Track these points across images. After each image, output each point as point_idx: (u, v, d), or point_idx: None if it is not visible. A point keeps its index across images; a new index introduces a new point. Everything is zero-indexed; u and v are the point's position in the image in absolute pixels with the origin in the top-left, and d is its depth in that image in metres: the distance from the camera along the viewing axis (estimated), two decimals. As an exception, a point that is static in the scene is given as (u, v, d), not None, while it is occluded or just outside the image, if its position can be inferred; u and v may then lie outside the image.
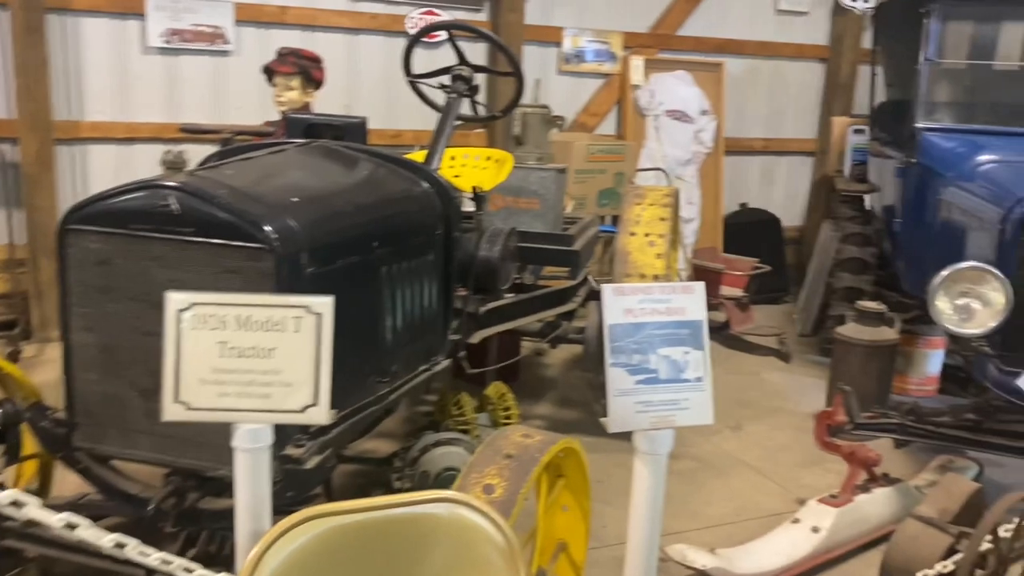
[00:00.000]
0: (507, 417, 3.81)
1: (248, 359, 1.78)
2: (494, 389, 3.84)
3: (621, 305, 1.87)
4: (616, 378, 1.84)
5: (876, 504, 3.41)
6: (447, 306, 2.95)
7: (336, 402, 2.26)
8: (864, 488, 3.45)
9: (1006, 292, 3.21)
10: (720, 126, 6.77)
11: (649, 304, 1.88)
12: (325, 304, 1.75)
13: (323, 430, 2.19)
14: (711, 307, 5.96)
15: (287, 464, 2.14)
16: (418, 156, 3.26)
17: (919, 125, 4.36)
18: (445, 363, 2.95)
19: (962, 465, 3.92)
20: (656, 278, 4.03)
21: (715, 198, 6.92)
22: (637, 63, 6.49)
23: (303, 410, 1.78)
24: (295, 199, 2.23)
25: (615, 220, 5.01)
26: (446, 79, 3.48)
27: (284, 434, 2.13)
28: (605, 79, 6.53)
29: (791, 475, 3.98)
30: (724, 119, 6.83)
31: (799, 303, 6.52)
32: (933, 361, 5.07)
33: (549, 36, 6.28)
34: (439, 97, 3.66)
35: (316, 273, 2.14)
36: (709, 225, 6.89)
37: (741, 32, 6.86)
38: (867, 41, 6.38)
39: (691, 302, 1.91)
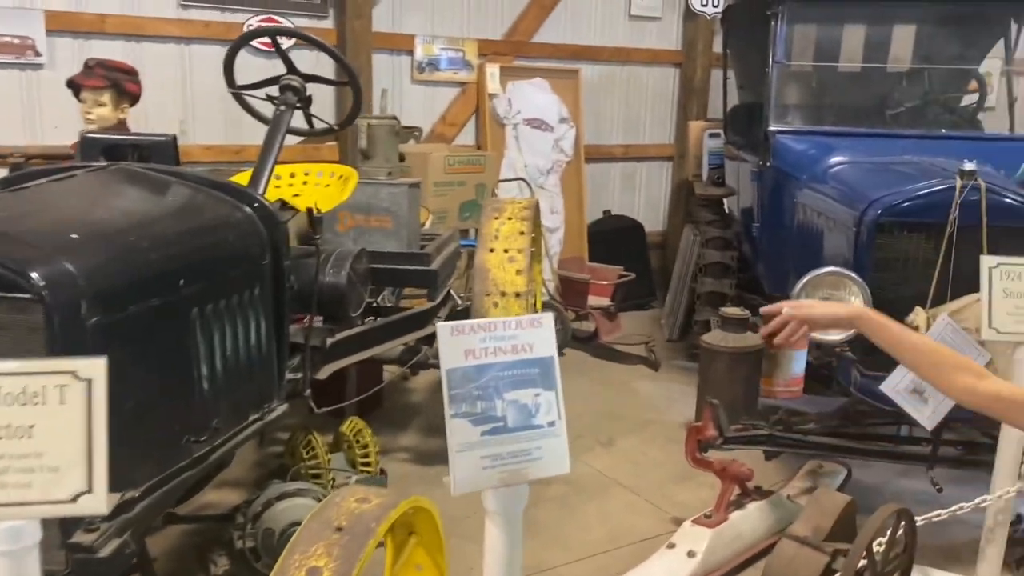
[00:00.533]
0: (365, 456, 3.52)
1: (1, 441, 1.43)
2: (349, 425, 3.54)
3: (460, 346, 1.62)
4: (458, 431, 1.59)
5: (751, 520, 3.32)
6: (280, 344, 2.63)
7: (140, 472, 1.95)
8: (738, 504, 3.36)
9: (865, 296, 3.17)
10: (579, 133, 6.68)
11: (492, 343, 1.65)
12: (95, 367, 1.43)
13: (122, 507, 1.84)
14: (579, 317, 5.85)
15: (77, 553, 1.79)
16: (244, 176, 2.93)
17: (771, 128, 4.34)
18: (282, 408, 2.63)
19: (831, 469, 3.90)
20: (518, 295, 3.82)
21: (578, 206, 6.81)
22: (493, 71, 6.30)
23: (74, 499, 1.44)
24: (75, 236, 1.88)
25: (479, 233, 4.80)
26: (274, 90, 3.15)
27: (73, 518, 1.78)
28: (461, 88, 6.31)
29: (665, 493, 3.85)
30: (583, 126, 6.74)
31: (665, 309, 6.49)
32: (798, 362, 5.03)
33: (400, 44, 6.01)
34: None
35: (102, 324, 1.79)
36: (574, 234, 6.78)
37: (595, 38, 6.79)
38: (719, 45, 6.43)
39: (539, 337, 1.69)
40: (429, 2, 6.07)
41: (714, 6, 6.81)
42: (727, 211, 5.81)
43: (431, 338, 3.98)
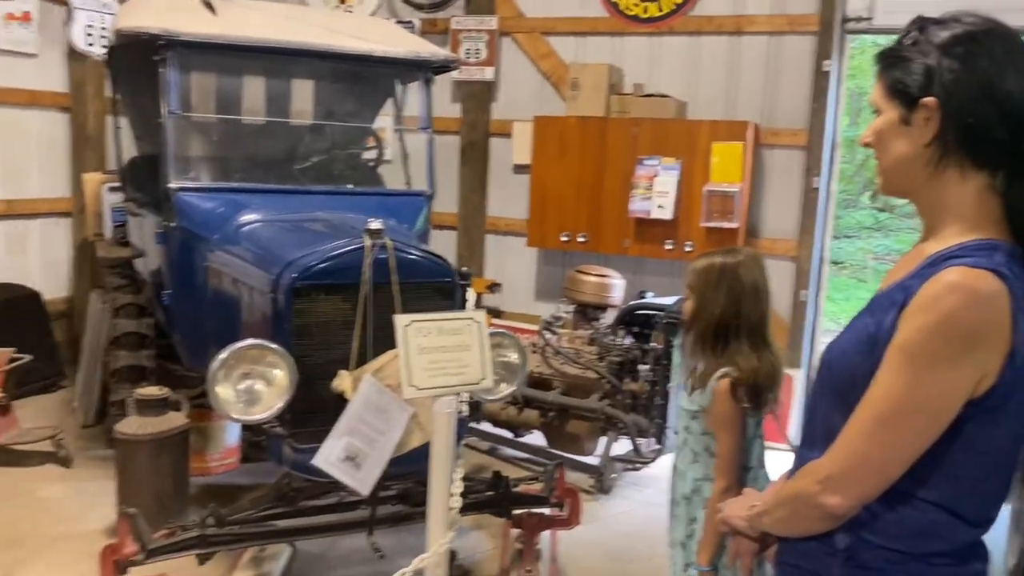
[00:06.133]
0: None
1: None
2: None
3: None
4: None
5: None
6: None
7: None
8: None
9: (289, 368, 2.95)
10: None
11: None
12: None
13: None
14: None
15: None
16: None
17: (172, 185, 3.89)
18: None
19: (274, 551, 3.62)
20: None
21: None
22: None
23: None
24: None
25: None
26: None
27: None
28: None
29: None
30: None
31: (78, 389, 5.58)
32: (230, 433, 4.73)
33: None
34: None
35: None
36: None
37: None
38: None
39: None
40: None
41: (103, 46, 6.11)
42: (138, 274, 5.19)
43: None
